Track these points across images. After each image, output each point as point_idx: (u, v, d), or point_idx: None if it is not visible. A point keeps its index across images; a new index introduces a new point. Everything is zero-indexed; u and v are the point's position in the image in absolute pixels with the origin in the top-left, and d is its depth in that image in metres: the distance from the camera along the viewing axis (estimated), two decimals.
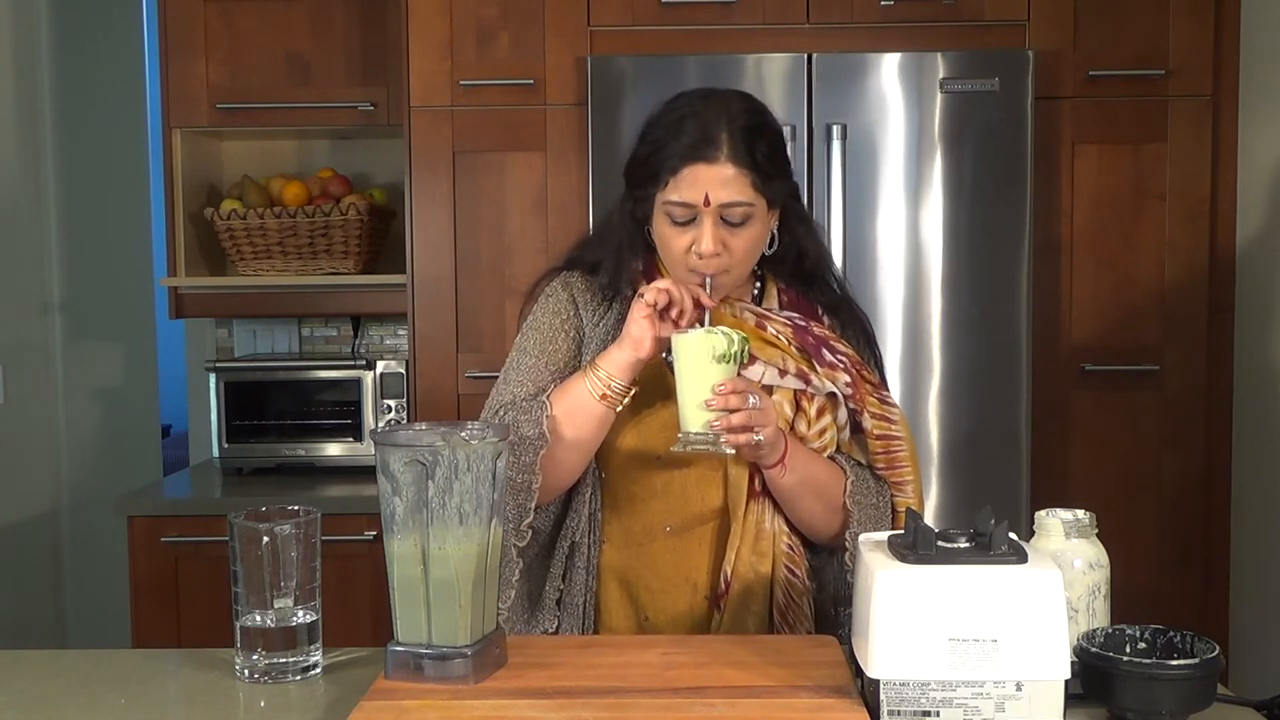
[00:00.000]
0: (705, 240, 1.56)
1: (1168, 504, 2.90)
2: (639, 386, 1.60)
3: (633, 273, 1.67)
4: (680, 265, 1.61)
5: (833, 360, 1.63)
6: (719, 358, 1.48)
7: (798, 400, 1.63)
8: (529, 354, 1.67)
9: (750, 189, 1.56)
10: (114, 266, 3.86)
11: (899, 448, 1.67)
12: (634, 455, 1.65)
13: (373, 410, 3.20)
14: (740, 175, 1.56)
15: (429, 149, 2.92)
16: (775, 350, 1.63)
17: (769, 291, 1.71)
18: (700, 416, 1.49)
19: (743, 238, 1.58)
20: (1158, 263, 2.88)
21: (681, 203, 1.57)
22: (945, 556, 1.28)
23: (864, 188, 2.76)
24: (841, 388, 1.63)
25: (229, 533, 1.46)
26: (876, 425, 1.65)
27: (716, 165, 1.55)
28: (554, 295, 1.71)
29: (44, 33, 3.66)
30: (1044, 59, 2.80)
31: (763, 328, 1.64)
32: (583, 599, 1.67)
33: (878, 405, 1.66)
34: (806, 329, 1.65)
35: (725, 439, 1.48)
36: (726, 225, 1.57)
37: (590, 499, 1.67)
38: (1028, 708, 1.24)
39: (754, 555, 1.64)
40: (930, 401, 2.78)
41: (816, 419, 1.63)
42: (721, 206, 1.56)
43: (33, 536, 3.60)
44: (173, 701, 1.47)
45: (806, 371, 1.62)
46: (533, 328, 1.70)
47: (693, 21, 2.86)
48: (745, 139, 1.57)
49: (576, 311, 1.69)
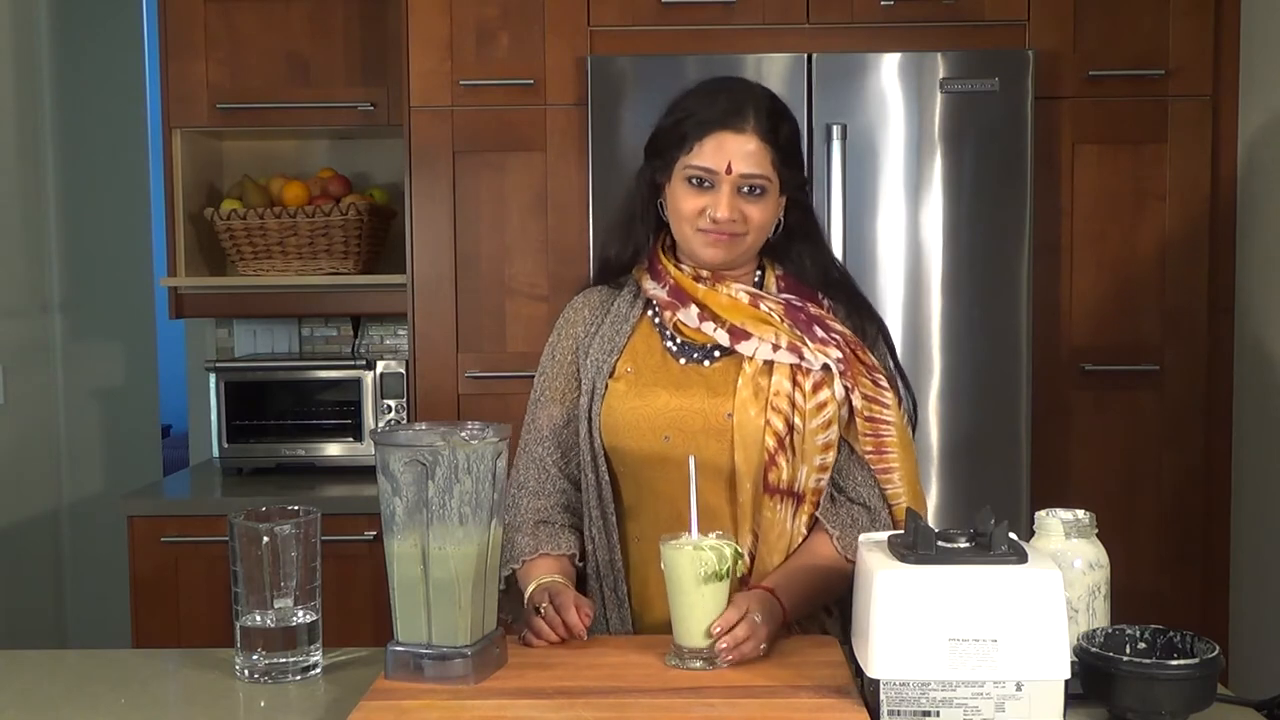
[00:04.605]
0: (722, 206, 1.62)
1: (1168, 504, 2.90)
2: (634, 371, 1.67)
3: (640, 240, 1.73)
4: (689, 226, 1.65)
5: (824, 336, 1.65)
6: (709, 576, 1.43)
7: (794, 375, 1.64)
8: (538, 402, 1.76)
9: (770, 165, 1.63)
10: (114, 266, 3.86)
11: (888, 432, 1.66)
12: (638, 437, 1.65)
13: (373, 410, 3.20)
14: (763, 149, 1.62)
15: (429, 149, 2.92)
16: (769, 326, 1.65)
17: (768, 279, 1.74)
18: (694, 632, 1.44)
19: (758, 209, 1.64)
20: (1158, 263, 2.88)
21: (704, 167, 1.62)
22: (945, 556, 1.28)
23: (864, 188, 2.76)
24: (834, 362, 1.63)
25: (229, 533, 1.46)
26: (866, 406, 1.65)
27: (743, 136, 1.62)
28: (556, 329, 1.79)
29: (44, 33, 3.66)
30: (1044, 59, 2.80)
31: (756, 305, 1.67)
32: (612, 588, 1.68)
33: (870, 387, 1.65)
34: (801, 308, 1.68)
35: (729, 659, 1.44)
36: (742, 195, 1.63)
37: (598, 501, 1.68)
38: (1028, 708, 1.24)
39: (772, 554, 1.64)
40: (930, 402, 2.78)
41: (813, 393, 1.63)
42: (741, 176, 1.62)
43: (33, 536, 3.60)
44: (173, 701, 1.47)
45: (799, 346, 1.64)
46: (541, 368, 1.78)
47: (693, 21, 2.86)
48: (770, 119, 1.64)
49: (572, 333, 1.76)
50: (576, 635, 1.50)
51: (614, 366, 1.69)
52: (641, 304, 1.74)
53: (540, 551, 1.65)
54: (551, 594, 1.53)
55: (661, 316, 1.72)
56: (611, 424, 1.66)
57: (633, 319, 1.73)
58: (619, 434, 1.66)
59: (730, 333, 1.65)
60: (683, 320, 1.69)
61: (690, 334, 1.70)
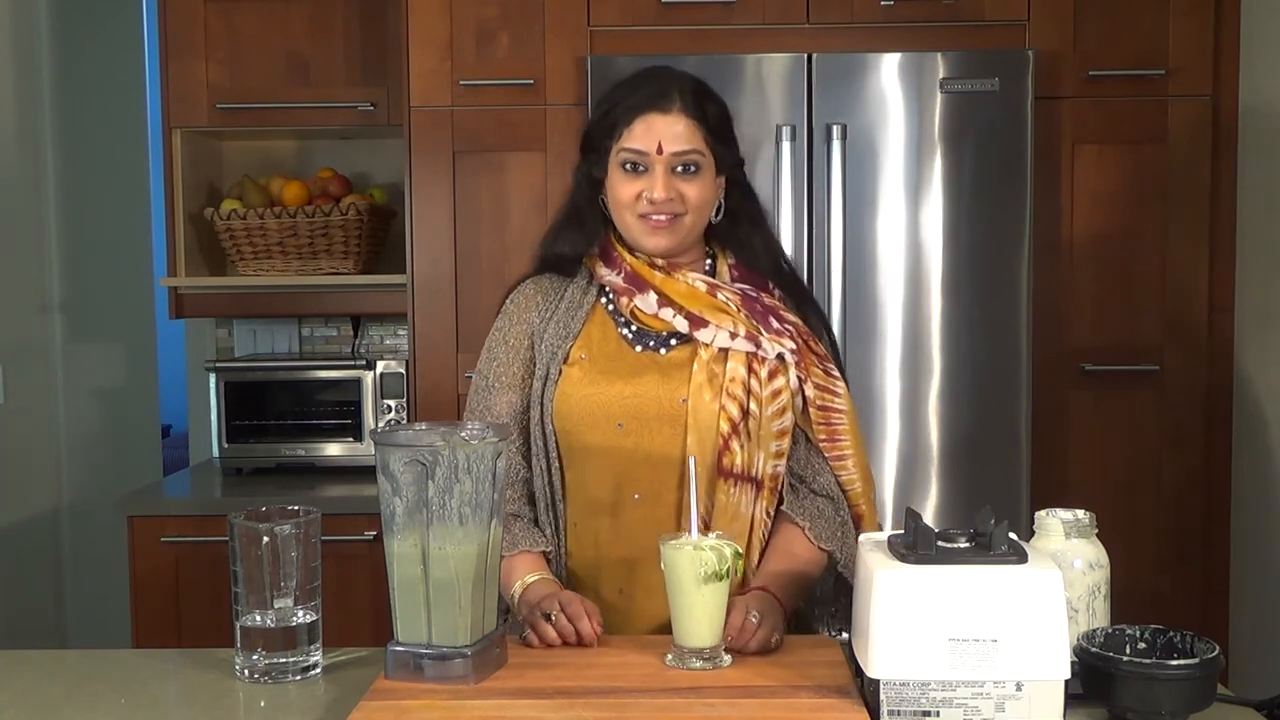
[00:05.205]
0: (658, 187, 1.65)
1: (1168, 504, 2.90)
2: (589, 358, 1.67)
3: (590, 235, 1.74)
4: (630, 213, 1.68)
5: (779, 327, 1.69)
6: (709, 576, 1.43)
7: (749, 363, 1.66)
8: (491, 389, 1.74)
9: (701, 141, 1.67)
10: (114, 266, 3.86)
11: (839, 420, 1.71)
12: (591, 425, 1.66)
13: (373, 410, 3.20)
14: (692, 127, 1.66)
15: (429, 149, 2.92)
16: (726, 315, 1.68)
17: (720, 268, 1.76)
18: (694, 632, 1.45)
19: (695, 187, 1.66)
20: (1158, 263, 2.88)
21: (635, 149, 1.66)
22: (945, 556, 1.28)
23: (864, 188, 2.76)
24: (789, 353, 1.67)
25: (229, 533, 1.46)
26: (819, 395, 1.69)
27: (670, 115, 1.65)
28: (505, 315, 1.78)
29: (44, 33, 3.66)
30: (1044, 59, 2.80)
31: (714, 294, 1.69)
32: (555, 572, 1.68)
33: (822, 376, 1.70)
34: (756, 298, 1.71)
35: (752, 648, 1.46)
36: (677, 175, 1.65)
37: (547, 486, 1.69)
38: (1028, 708, 1.24)
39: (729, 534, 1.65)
40: (930, 402, 2.78)
41: (769, 381, 1.66)
42: (673, 154, 1.65)
43: (33, 536, 3.60)
44: (173, 701, 1.47)
45: (756, 335, 1.67)
46: (490, 354, 1.76)
47: (693, 21, 2.86)
48: (696, 98, 1.68)
49: (525, 318, 1.75)
50: (589, 644, 1.51)
51: (568, 353, 1.70)
52: (595, 290, 1.75)
53: (520, 549, 1.66)
54: (562, 601, 1.53)
55: (617, 303, 1.73)
56: (565, 410, 1.67)
57: (587, 305, 1.74)
58: (572, 420, 1.67)
59: (689, 320, 1.67)
60: (640, 307, 1.70)
61: (647, 321, 1.71)
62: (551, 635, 1.50)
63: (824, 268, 2.73)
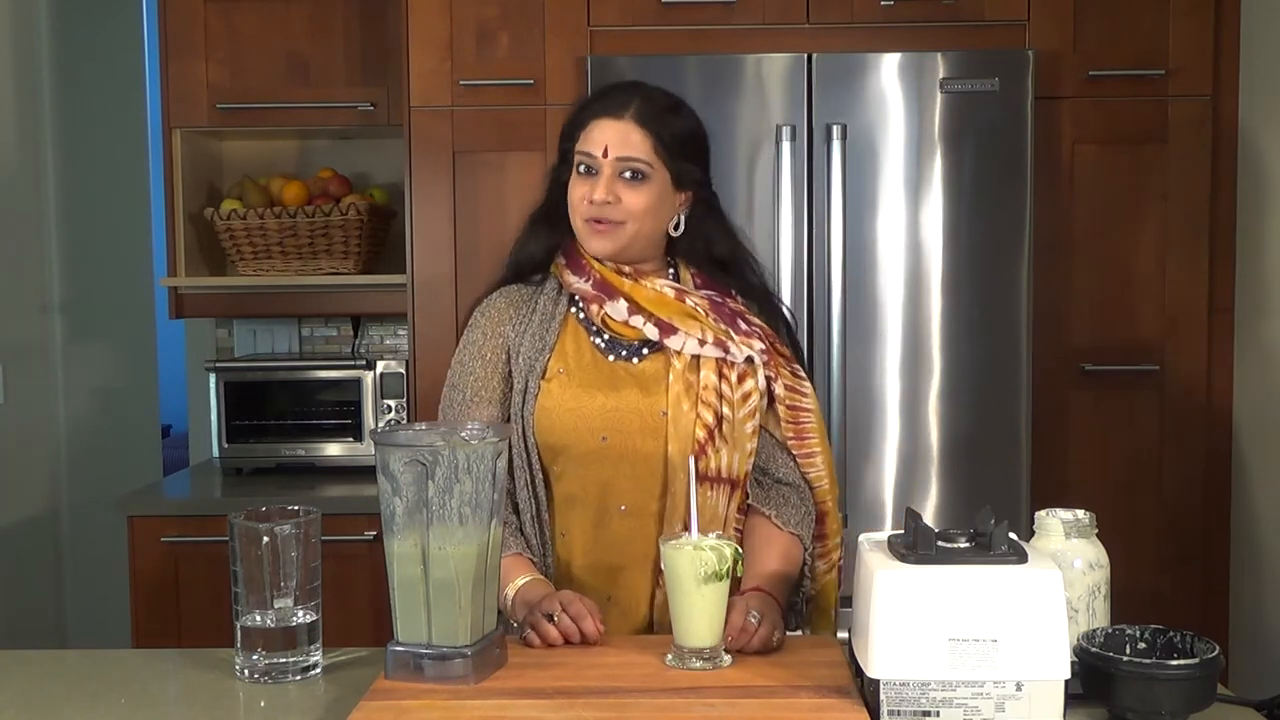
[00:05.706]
0: (599, 188, 1.66)
1: (1168, 504, 2.90)
2: (566, 371, 1.68)
3: (560, 233, 1.75)
4: (579, 216, 1.70)
5: (748, 330, 1.72)
6: (709, 576, 1.44)
7: (720, 369, 1.68)
8: (468, 403, 1.73)
9: (650, 152, 1.67)
10: (114, 266, 3.86)
11: (807, 419, 1.74)
12: (575, 438, 1.67)
13: (373, 410, 3.20)
14: (643, 137, 1.67)
15: (429, 149, 2.92)
16: (695, 321, 1.70)
17: (683, 276, 1.77)
18: (694, 632, 1.45)
19: (638, 195, 1.67)
20: (1158, 263, 2.88)
21: (585, 152, 1.68)
22: (945, 556, 1.28)
23: (864, 188, 2.76)
24: (758, 354, 1.70)
25: (229, 533, 1.46)
26: (788, 395, 1.73)
27: (621, 122, 1.67)
28: (476, 327, 1.77)
29: (44, 33, 3.66)
30: (1044, 59, 2.80)
31: (682, 299, 1.71)
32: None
33: (790, 377, 1.74)
34: (723, 304, 1.74)
35: (755, 647, 1.48)
36: (623, 181, 1.66)
37: (532, 498, 1.69)
38: (1028, 708, 1.24)
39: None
40: (930, 402, 2.78)
41: (739, 384, 1.69)
42: (618, 159, 1.66)
43: (33, 536, 3.60)
44: (173, 701, 1.47)
45: (724, 340, 1.69)
46: (464, 367, 1.75)
47: (693, 21, 2.86)
48: (655, 111, 1.69)
49: (499, 331, 1.74)
50: (593, 643, 1.51)
51: (545, 366, 1.70)
52: (565, 300, 1.75)
53: (510, 550, 1.66)
54: (563, 601, 1.54)
55: (587, 311, 1.73)
56: (547, 424, 1.68)
57: (559, 316, 1.74)
58: (555, 433, 1.68)
59: (659, 326, 1.69)
60: (611, 314, 1.71)
61: (618, 328, 1.72)
62: (554, 635, 1.50)
63: (824, 268, 2.73)
